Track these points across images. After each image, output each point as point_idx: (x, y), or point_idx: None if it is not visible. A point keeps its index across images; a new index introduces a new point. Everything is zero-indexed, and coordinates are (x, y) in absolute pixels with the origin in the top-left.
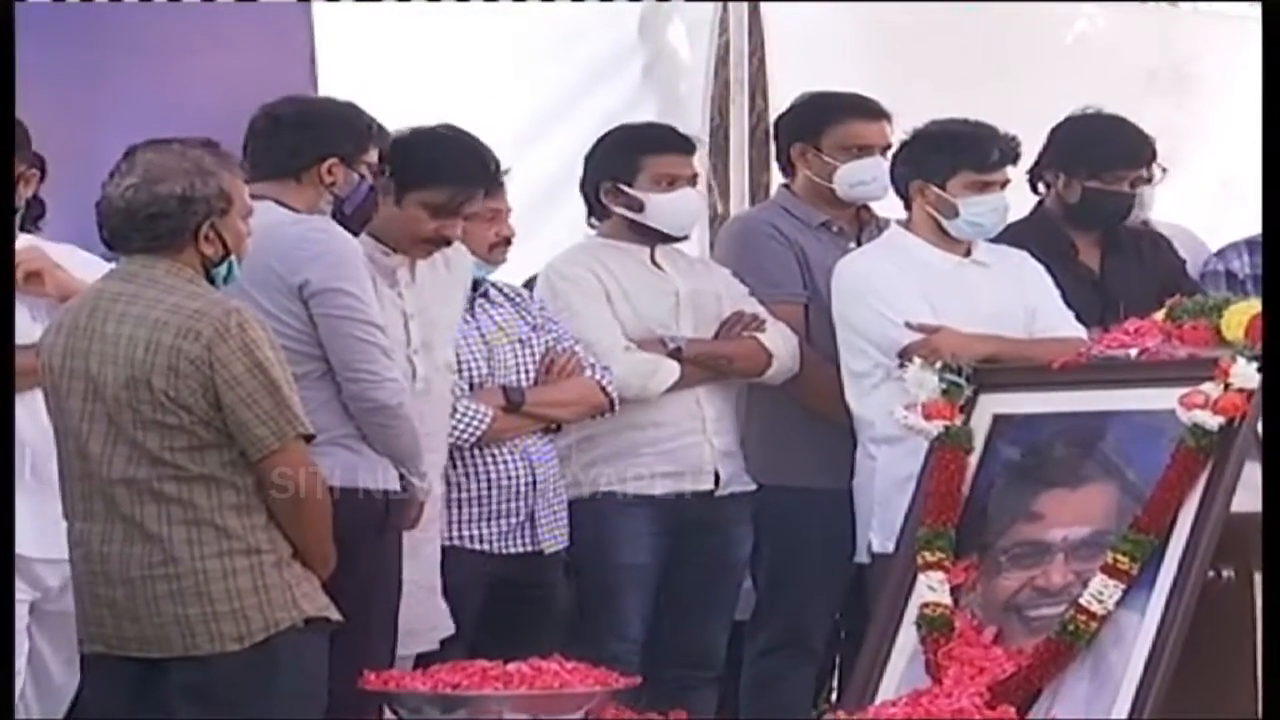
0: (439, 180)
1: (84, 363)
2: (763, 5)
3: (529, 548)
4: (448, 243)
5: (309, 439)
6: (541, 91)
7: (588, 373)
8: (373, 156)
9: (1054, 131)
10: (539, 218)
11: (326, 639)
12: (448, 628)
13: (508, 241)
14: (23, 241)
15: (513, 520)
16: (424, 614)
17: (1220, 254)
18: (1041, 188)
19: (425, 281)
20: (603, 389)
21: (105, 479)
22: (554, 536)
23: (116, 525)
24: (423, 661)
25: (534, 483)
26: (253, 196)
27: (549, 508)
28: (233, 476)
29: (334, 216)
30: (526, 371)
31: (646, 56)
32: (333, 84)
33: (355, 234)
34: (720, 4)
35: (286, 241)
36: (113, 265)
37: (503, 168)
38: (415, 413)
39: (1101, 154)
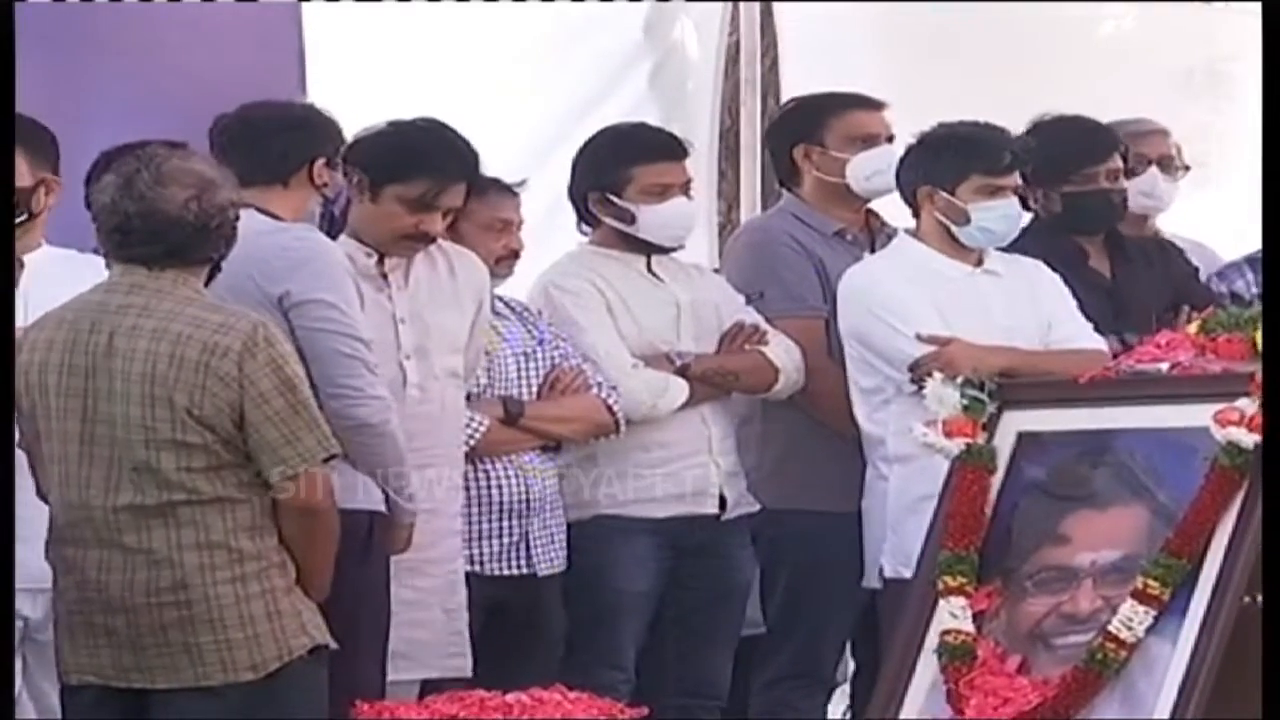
0: (414, 173)
1: (85, 381)
2: (775, 3)
3: (523, 569)
4: (429, 239)
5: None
6: (547, 99)
7: (594, 390)
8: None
9: (1034, 150)
10: (547, 230)
11: (326, 667)
12: (462, 663)
13: (515, 254)
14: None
15: (506, 540)
16: (434, 638)
17: (1221, 274)
18: (1032, 203)
19: (421, 285)
20: (608, 408)
21: (105, 504)
22: (550, 559)
23: (115, 551)
24: (427, 689)
25: (529, 501)
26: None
27: (545, 528)
28: (249, 497)
29: (325, 219)
30: (529, 385)
31: (655, 58)
32: (322, 87)
33: (340, 233)
34: (730, 1)
35: (266, 251)
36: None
37: (520, 180)
38: (414, 425)
39: (1064, 157)
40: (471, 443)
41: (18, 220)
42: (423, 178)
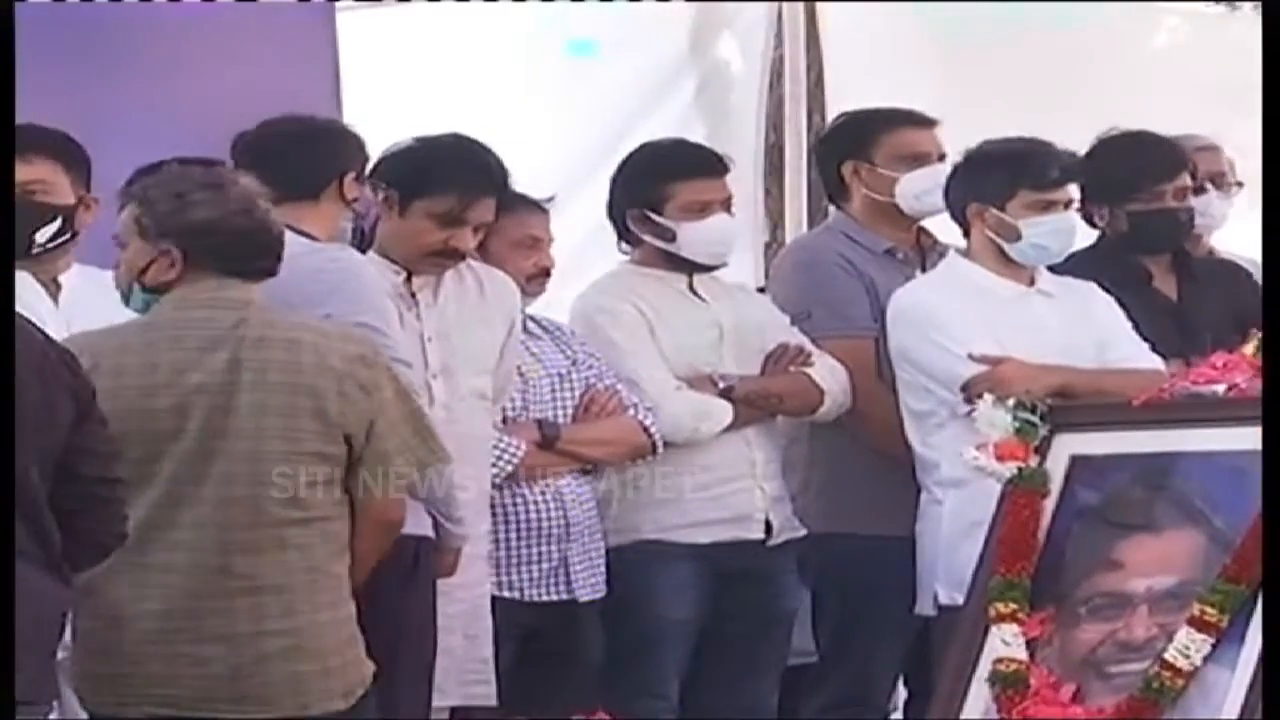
0: (443, 187)
1: (198, 397)
2: (820, 14)
3: (562, 596)
4: (459, 256)
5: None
6: (588, 115)
7: (630, 412)
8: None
9: (1086, 161)
10: (590, 249)
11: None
12: (485, 690)
13: (546, 273)
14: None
15: (545, 566)
16: (454, 665)
17: None
18: (1098, 221)
19: (450, 303)
20: (645, 430)
21: (214, 522)
22: (590, 585)
23: (216, 576)
24: (457, 717)
25: (567, 526)
26: None
27: (584, 554)
28: (340, 515)
29: (356, 235)
30: (564, 408)
31: (699, 73)
32: (356, 100)
33: (368, 249)
34: (775, 13)
35: (301, 274)
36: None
37: (549, 195)
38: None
39: (1130, 174)
40: (508, 468)
41: (61, 240)
42: (451, 192)
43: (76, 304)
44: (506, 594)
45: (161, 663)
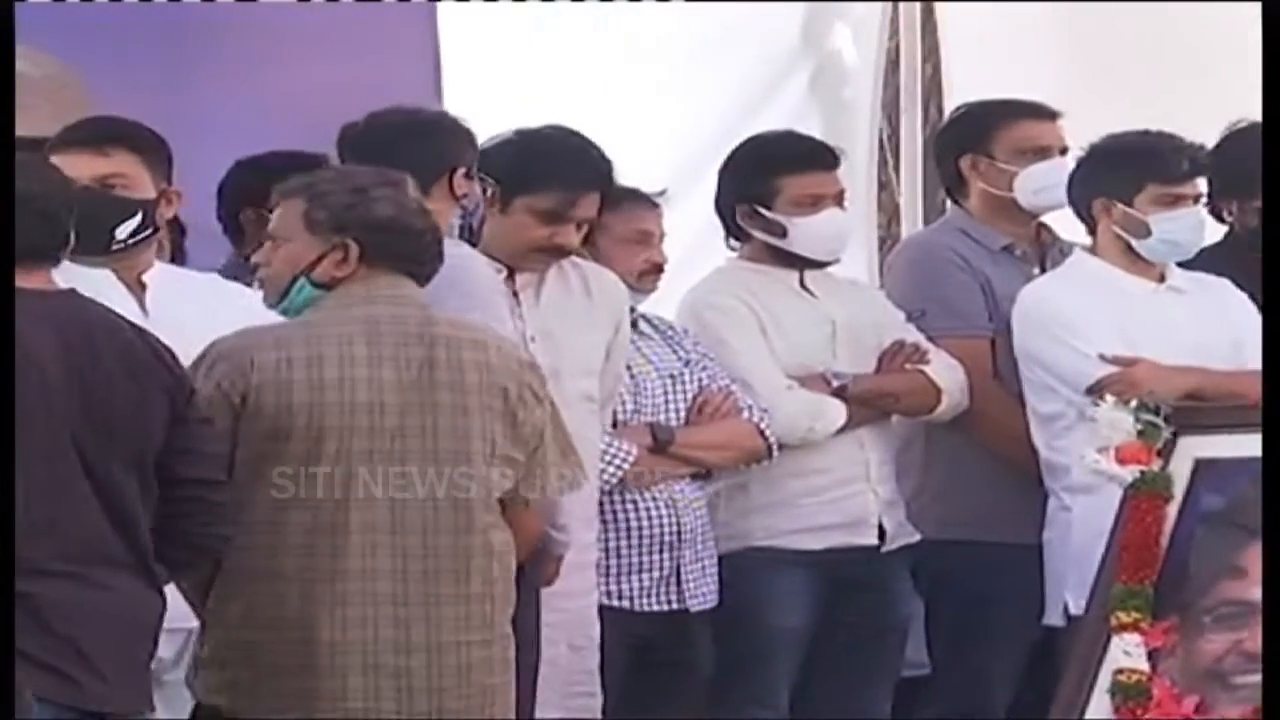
0: (546, 183)
1: (396, 395)
2: (937, 4)
3: (674, 605)
4: (563, 252)
5: None
6: (699, 108)
7: (744, 414)
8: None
9: (1214, 154)
10: (703, 245)
11: None
12: (589, 703)
13: (659, 269)
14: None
15: (656, 575)
16: (558, 676)
17: None
18: (1226, 216)
19: (553, 302)
20: (761, 433)
21: (425, 528)
22: (702, 594)
23: (413, 584)
24: None
25: (680, 533)
26: None
27: (697, 562)
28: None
29: (462, 233)
30: (676, 410)
31: (812, 65)
32: (457, 93)
33: (474, 247)
34: (890, 2)
35: None
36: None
37: (660, 189)
38: None
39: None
40: (619, 474)
41: (142, 235)
42: (554, 188)
43: (164, 306)
44: (616, 603)
45: (353, 671)
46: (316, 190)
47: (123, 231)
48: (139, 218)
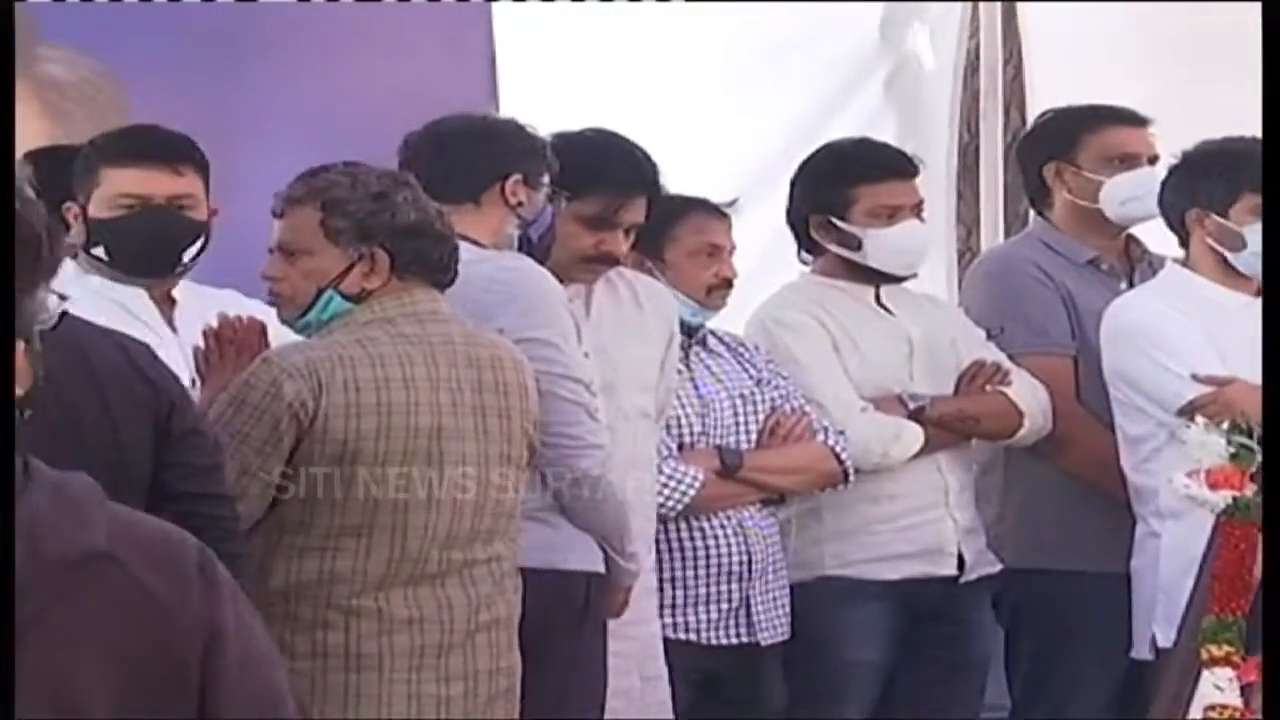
0: (591, 188)
1: (457, 419)
2: (1019, 4)
3: (744, 639)
4: (612, 260)
5: None
6: (770, 114)
7: (819, 436)
8: (546, 178)
9: None
10: (775, 258)
11: None
12: None
13: (729, 284)
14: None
15: (725, 606)
16: (632, 708)
17: None
18: None
19: (605, 315)
20: (836, 456)
21: (466, 559)
22: (773, 627)
23: (460, 609)
24: None
25: (750, 563)
26: None
27: (767, 592)
28: None
29: (520, 246)
30: (747, 432)
31: (888, 68)
32: (515, 98)
33: (542, 264)
34: (969, 3)
35: (472, 283)
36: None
37: (731, 199)
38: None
39: None
40: (685, 499)
41: (195, 252)
42: (600, 192)
43: (190, 323)
44: (682, 636)
45: (405, 704)
46: (331, 197)
47: (188, 255)
48: (201, 240)
